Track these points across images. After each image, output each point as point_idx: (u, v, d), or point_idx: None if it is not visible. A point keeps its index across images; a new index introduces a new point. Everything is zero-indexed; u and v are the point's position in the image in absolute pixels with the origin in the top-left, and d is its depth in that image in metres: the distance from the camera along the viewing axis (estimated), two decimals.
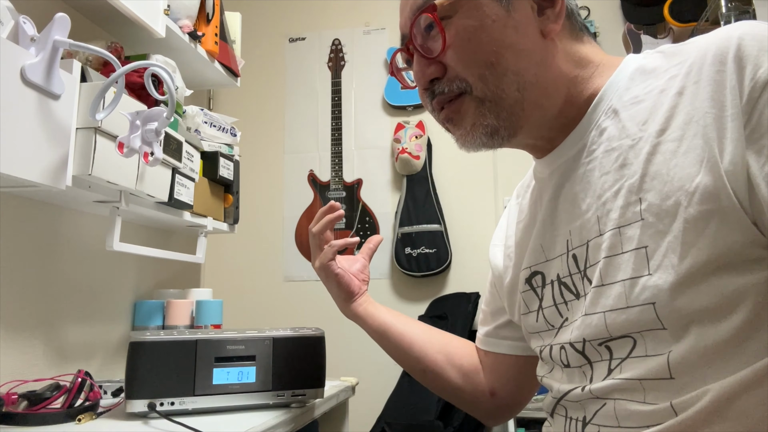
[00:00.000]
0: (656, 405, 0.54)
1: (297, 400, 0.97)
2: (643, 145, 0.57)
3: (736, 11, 1.68)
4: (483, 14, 0.62)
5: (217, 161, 1.41)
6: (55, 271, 1.20)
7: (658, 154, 0.55)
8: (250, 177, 2.44)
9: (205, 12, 1.43)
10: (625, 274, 0.56)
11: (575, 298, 0.64)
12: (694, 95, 0.54)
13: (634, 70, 0.63)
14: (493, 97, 0.63)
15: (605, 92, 0.64)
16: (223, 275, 2.43)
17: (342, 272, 0.91)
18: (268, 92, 2.63)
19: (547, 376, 0.71)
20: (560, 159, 0.68)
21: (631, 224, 0.56)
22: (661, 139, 0.56)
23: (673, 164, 0.54)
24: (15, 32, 0.84)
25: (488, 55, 0.62)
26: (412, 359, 0.90)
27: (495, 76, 0.62)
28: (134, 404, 0.86)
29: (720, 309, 0.51)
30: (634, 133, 0.59)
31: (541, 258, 0.70)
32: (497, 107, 0.63)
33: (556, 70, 0.64)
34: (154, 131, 0.93)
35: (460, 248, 2.33)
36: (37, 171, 0.86)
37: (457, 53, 0.63)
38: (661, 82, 0.59)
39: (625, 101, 0.61)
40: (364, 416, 1.97)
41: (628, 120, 0.60)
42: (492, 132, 0.65)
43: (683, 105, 0.55)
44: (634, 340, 0.56)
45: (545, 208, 0.70)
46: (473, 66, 0.62)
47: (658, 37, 2.17)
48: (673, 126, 0.55)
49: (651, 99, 0.59)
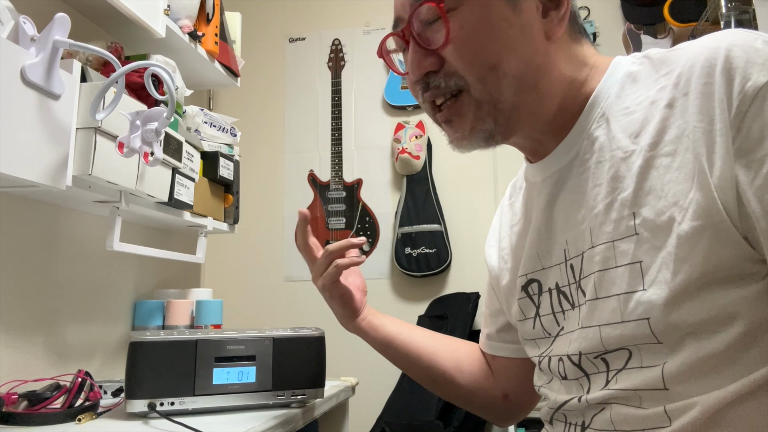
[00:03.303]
0: (651, 410, 0.54)
1: (297, 400, 0.97)
2: (635, 159, 0.57)
3: (736, 11, 1.68)
4: (491, 11, 0.59)
5: (217, 161, 1.41)
6: (55, 271, 1.20)
7: (653, 168, 0.55)
8: (250, 177, 2.44)
9: (205, 12, 1.43)
10: (620, 288, 0.56)
11: (571, 308, 0.64)
12: (683, 108, 0.54)
13: (624, 76, 0.62)
14: (490, 99, 0.61)
15: (596, 98, 0.63)
16: (223, 275, 2.43)
17: (347, 292, 0.87)
18: (268, 92, 2.63)
19: (545, 386, 0.70)
20: (553, 167, 0.67)
21: (624, 238, 0.56)
22: (653, 153, 0.55)
23: (667, 179, 0.54)
24: (15, 32, 0.84)
25: (491, 56, 0.59)
26: (421, 369, 0.89)
27: (495, 79, 0.60)
28: (134, 404, 0.87)
29: (714, 323, 0.51)
30: (626, 145, 0.58)
31: (537, 266, 0.70)
32: (495, 111, 0.61)
33: (556, 74, 0.63)
34: (154, 131, 0.93)
35: (460, 248, 2.33)
36: (37, 171, 0.86)
37: (458, 49, 0.60)
38: (651, 93, 0.58)
39: (616, 111, 0.61)
40: (364, 416, 1.97)
41: (619, 131, 0.59)
42: (488, 136, 0.64)
43: (674, 118, 0.55)
44: (630, 352, 0.56)
45: (540, 215, 0.69)
46: (474, 65, 0.60)
47: (658, 37, 2.17)
48: (666, 140, 0.55)
49: (642, 110, 0.58)
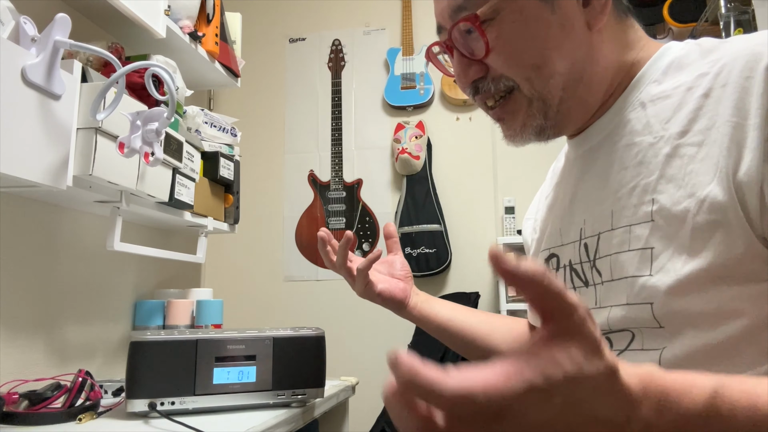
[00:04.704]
0: None
1: (297, 399, 0.97)
2: (662, 146, 0.57)
3: (735, 11, 1.68)
4: (527, 16, 0.60)
5: (218, 161, 1.41)
6: (56, 271, 1.20)
7: (677, 157, 0.55)
8: (251, 177, 2.44)
9: (206, 12, 1.44)
10: (628, 271, 0.57)
11: (584, 286, 0.65)
12: (718, 100, 0.53)
13: (670, 61, 0.62)
14: (540, 96, 0.62)
15: (638, 81, 0.63)
16: (224, 275, 2.43)
17: (383, 289, 0.85)
18: (268, 92, 2.63)
19: None
20: (585, 145, 0.68)
21: (640, 223, 0.57)
22: (681, 141, 0.55)
23: (689, 170, 0.54)
24: (16, 32, 0.84)
25: (533, 58, 0.60)
26: (477, 352, 0.88)
27: (541, 78, 0.61)
28: (135, 404, 0.87)
29: (716, 316, 0.51)
30: (656, 131, 0.58)
31: (558, 241, 0.71)
32: (545, 106, 0.62)
33: (603, 61, 0.63)
34: (155, 131, 0.93)
35: (460, 248, 2.33)
36: (38, 171, 0.86)
37: (500, 57, 0.61)
38: (690, 79, 0.58)
39: (653, 95, 0.61)
40: (364, 416, 1.97)
41: (652, 116, 0.60)
42: (539, 131, 0.65)
43: (707, 108, 0.54)
44: (633, 334, 0.57)
45: (567, 193, 0.71)
46: (518, 68, 0.61)
47: (657, 37, 2.17)
48: (695, 129, 0.54)
49: (677, 96, 0.58)
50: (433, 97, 2.47)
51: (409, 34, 2.51)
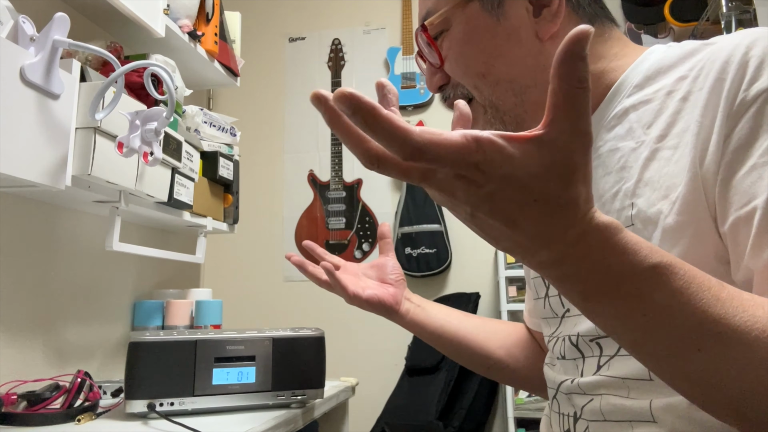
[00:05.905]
0: (637, 402, 0.55)
1: (297, 400, 0.97)
2: (643, 150, 0.57)
3: (736, 11, 1.68)
4: (473, 26, 0.63)
5: (217, 161, 1.41)
6: (55, 271, 1.20)
7: (655, 160, 0.56)
8: (250, 177, 2.44)
9: (205, 12, 1.43)
10: None
11: None
12: (695, 103, 0.54)
13: (651, 67, 0.61)
14: (491, 104, 0.65)
15: (618, 88, 0.63)
16: (223, 275, 2.43)
17: (370, 296, 0.82)
18: (268, 92, 2.63)
19: (547, 364, 0.72)
20: None
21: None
22: (659, 145, 0.56)
23: (664, 172, 0.54)
24: (14, 32, 0.84)
25: (479, 66, 0.63)
26: (472, 359, 0.87)
27: (488, 86, 0.64)
28: (134, 404, 0.86)
29: None
30: (638, 136, 0.58)
31: None
32: (498, 112, 0.65)
33: None
34: (154, 131, 0.93)
35: (460, 248, 2.33)
36: (37, 171, 0.86)
37: (451, 66, 0.65)
38: (670, 82, 0.58)
39: (636, 99, 0.60)
40: (364, 416, 1.97)
41: (635, 120, 0.60)
42: None
43: (685, 112, 0.54)
44: None
45: None
46: (467, 77, 0.65)
47: (658, 36, 2.16)
48: (672, 133, 0.55)
49: (658, 100, 0.58)
50: (434, 97, 2.47)
51: (409, 33, 2.51)
